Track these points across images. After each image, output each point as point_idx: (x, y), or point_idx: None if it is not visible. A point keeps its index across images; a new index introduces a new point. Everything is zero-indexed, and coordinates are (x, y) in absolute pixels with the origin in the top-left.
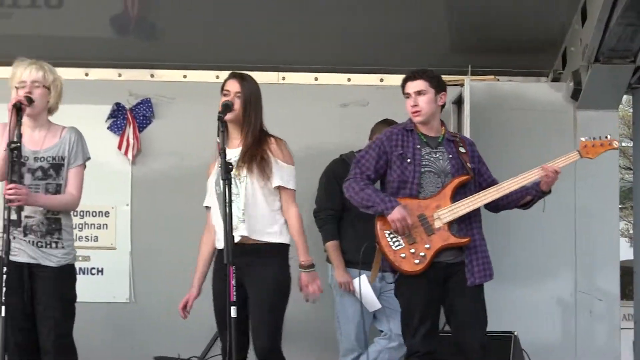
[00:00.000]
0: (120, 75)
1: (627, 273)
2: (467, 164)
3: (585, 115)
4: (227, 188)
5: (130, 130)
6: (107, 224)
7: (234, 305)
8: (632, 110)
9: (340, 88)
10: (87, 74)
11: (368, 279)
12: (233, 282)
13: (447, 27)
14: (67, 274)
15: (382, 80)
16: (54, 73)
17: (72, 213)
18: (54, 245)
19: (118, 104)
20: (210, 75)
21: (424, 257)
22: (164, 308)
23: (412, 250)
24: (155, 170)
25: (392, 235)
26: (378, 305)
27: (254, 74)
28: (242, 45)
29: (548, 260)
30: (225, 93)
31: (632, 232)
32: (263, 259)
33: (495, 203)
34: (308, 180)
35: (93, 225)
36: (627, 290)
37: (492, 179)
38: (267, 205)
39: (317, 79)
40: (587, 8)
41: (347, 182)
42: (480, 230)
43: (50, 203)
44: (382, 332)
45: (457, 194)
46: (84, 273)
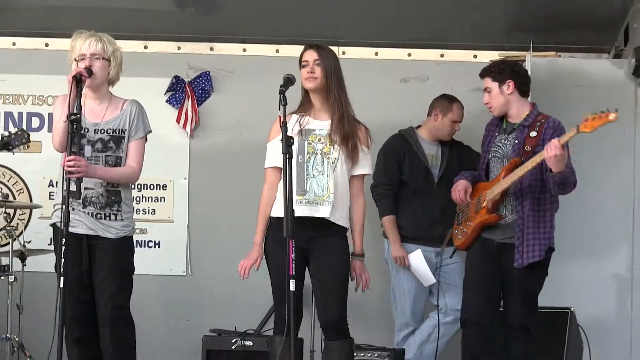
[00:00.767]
0: (180, 49)
1: None
2: (525, 148)
3: None
4: (287, 162)
5: (189, 104)
6: (164, 197)
7: (293, 279)
8: None
9: (401, 63)
10: (146, 47)
11: (423, 255)
12: (292, 255)
13: (509, 2)
14: (125, 246)
15: (442, 56)
16: (114, 44)
17: (130, 185)
18: (113, 218)
19: (177, 77)
20: (270, 49)
21: (465, 232)
22: (221, 281)
23: (461, 227)
24: (214, 144)
25: (457, 213)
26: (433, 280)
27: None
28: (302, 19)
29: (605, 236)
30: (304, 64)
31: None
32: (332, 237)
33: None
34: None
35: (151, 198)
36: None
37: None
38: (347, 189)
39: (377, 54)
40: None
41: None
42: (535, 210)
43: (110, 175)
44: (437, 306)
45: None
46: (141, 246)
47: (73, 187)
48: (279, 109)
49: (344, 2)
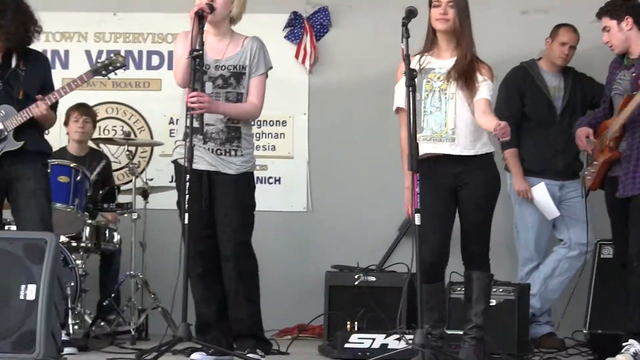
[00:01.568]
0: None
1: None
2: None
3: None
4: (411, 95)
5: (308, 39)
6: (284, 133)
7: (418, 213)
8: None
9: None
10: None
11: (547, 187)
12: (417, 189)
13: None
14: (246, 182)
15: None
16: None
17: (250, 122)
18: (233, 153)
19: (295, 13)
20: None
21: (593, 173)
22: (342, 217)
23: (589, 168)
24: (333, 79)
25: (587, 155)
26: (557, 213)
27: None
28: None
29: None
30: (436, 4)
31: None
32: (473, 170)
33: None
34: None
35: (270, 135)
36: None
37: None
38: (470, 121)
39: None
40: None
41: None
42: None
43: (231, 111)
44: (561, 240)
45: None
46: (262, 182)
47: (195, 123)
48: (402, 42)
49: None
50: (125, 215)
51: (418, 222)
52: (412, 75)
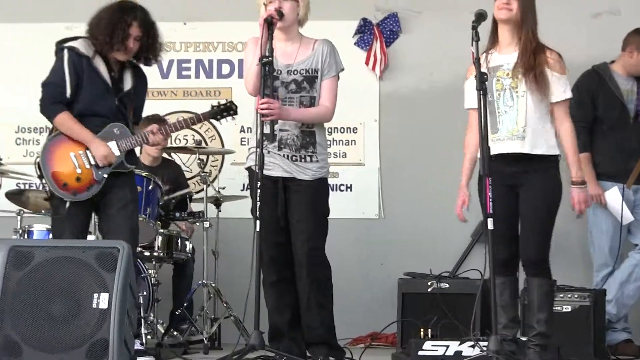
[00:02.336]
0: None
1: None
2: None
3: None
4: (482, 99)
5: (378, 46)
6: (355, 140)
7: (490, 217)
8: None
9: None
10: None
11: (620, 192)
12: (490, 193)
13: None
14: (320, 188)
15: None
16: None
17: (324, 127)
18: (309, 159)
19: (365, 20)
20: None
21: None
22: (414, 223)
23: None
24: (403, 85)
25: None
26: (631, 218)
27: None
28: None
29: None
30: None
31: None
32: (537, 170)
33: None
34: None
35: (341, 142)
36: None
37: None
38: (545, 119)
39: None
40: None
41: None
42: None
43: (303, 116)
44: (636, 245)
45: None
46: (333, 189)
47: (267, 129)
48: (472, 45)
49: None
50: (198, 224)
51: (491, 226)
52: (482, 79)
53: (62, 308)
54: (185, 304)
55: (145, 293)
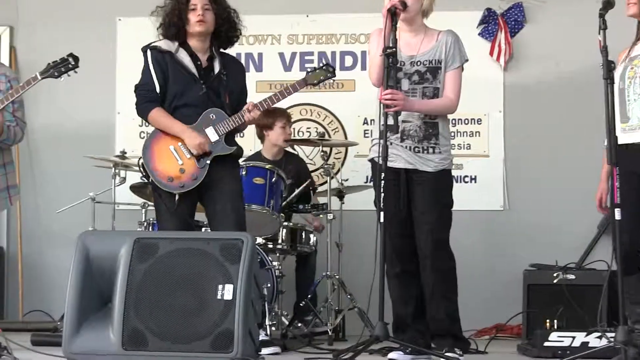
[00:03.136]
0: None
1: None
2: None
3: None
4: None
5: (502, 36)
6: (479, 132)
7: (617, 208)
8: None
9: None
10: None
11: None
12: (617, 183)
13: None
14: (444, 179)
15: None
16: None
17: (448, 118)
18: (431, 151)
19: (489, 10)
20: None
21: None
22: (539, 215)
23: None
24: (528, 76)
25: None
26: None
27: None
28: None
29: None
30: None
31: None
32: None
33: None
34: None
35: (465, 133)
36: None
37: None
38: None
39: None
40: None
41: None
42: None
43: (427, 107)
44: None
45: None
46: (457, 181)
47: (390, 121)
48: (599, 34)
49: None
50: (321, 216)
51: (618, 217)
52: (609, 68)
53: (187, 299)
54: (309, 296)
55: (270, 285)
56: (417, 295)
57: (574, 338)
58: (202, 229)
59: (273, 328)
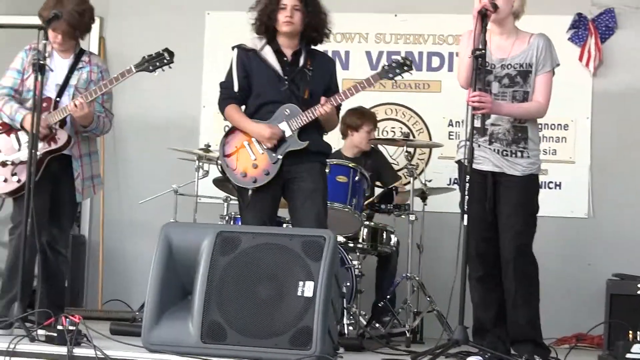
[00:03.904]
0: None
1: None
2: None
3: None
4: None
5: (592, 41)
6: (566, 137)
7: None
8: None
9: None
10: None
11: None
12: None
13: None
14: (531, 184)
15: None
16: None
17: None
18: (519, 155)
19: (580, 15)
20: None
21: None
22: (624, 223)
23: None
24: (618, 83)
25: None
26: None
27: None
28: None
29: None
30: None
31: None
32: None
33: None
34: None
35: (551, 138)
36: None
37: None
38: None
39: None
40: None
41: None
42: None
43: (516, 111)
44: None
45: None
46: (542, 187)
47: (478, 123)
48: None
49: None
50: (403, 217)
51: None
52: None
53: (267, 294)
54: (388, 297)
55: (349, 284)
56: (498, 300)
57: None
58: (283, 225)
59: (351, 327)
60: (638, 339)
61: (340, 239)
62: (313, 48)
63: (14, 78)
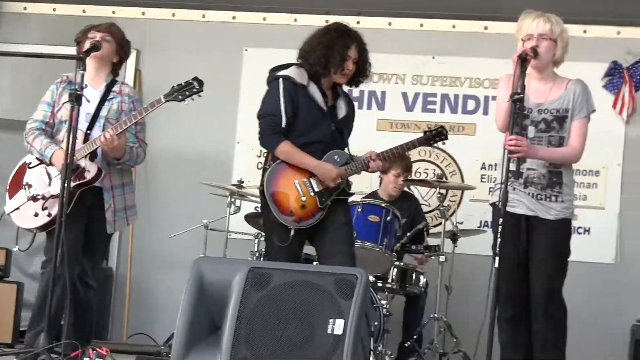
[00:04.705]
0: (619, 33)
1: None
2: None
3: None
4: None
5: (627, 89)
6: (596, 183)
7: None
8: None
9: None
10: (585, 31)
11: None
12: None
13: None
14: (564, 228)
15: None
16: (561, 25)
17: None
18: (554, 199)
19: (615, 62)
20: None
21: None
22: None
23: None
24: None
25: None
26: None
27: None
28: None
29: None
30: None
31: None
32: None
33: None
34: None
35: (582, 184)
36: None
37: None
38: None
39: None
40: None
41: None
42: None
43: (551, 156)
44: None
45: None
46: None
47: (513, 167)
48: None
49: None
50: (433, 258)
51: None
52: None
53: (297, 331)
54: (415, 337)
55: (376, 323)
56: (527, 343)
57: None
58: (312, 263)
59: None
60: None
61: (370, 278)
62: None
63: (45, 111)
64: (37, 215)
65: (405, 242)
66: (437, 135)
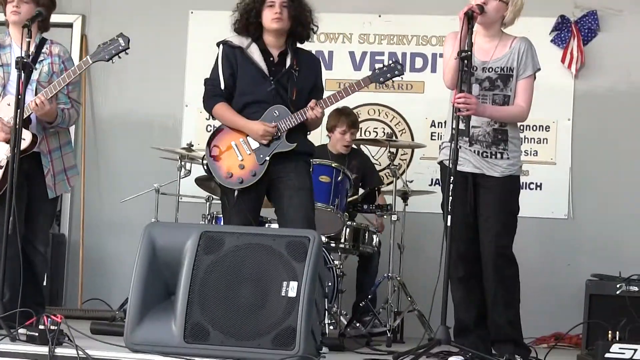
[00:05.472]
0: None
1: None
2: None
3: None
4: None
5: (575, 43)
6: (547, 139)
7: None
8: None
9: None
10: None
11: None
12: None
13: None
14: (510, 185)
15: None
16: None
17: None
18: (499, 156)
19: (563, 17)
20: None
21: None
22: (604, 224)
23: None
24: (599, 85)
25: None
26: None
27: None
28: None
29: None
30: None
31: None
32: None
33: None
34: None
35: (533, 140)
36: None
37: None
38: None
39: None
40: None
41: None
42: None
43: (499, 114)
44: None
45: None
46: (523, 188)
47: (461, 125)
48: None
49: None
50: (385, 217)
51: None
52: None
53: (251, 294)
54: (370, 297)
55: (330, 284)
56: (480, 300)
57: (636, 351)
58: (266, 225)
59: (331, 327)
60: (617, 339)
61: (322, 239)
62: (299, 47)
63: None
64: None
65: (358, 200)
66: (388, 72)
